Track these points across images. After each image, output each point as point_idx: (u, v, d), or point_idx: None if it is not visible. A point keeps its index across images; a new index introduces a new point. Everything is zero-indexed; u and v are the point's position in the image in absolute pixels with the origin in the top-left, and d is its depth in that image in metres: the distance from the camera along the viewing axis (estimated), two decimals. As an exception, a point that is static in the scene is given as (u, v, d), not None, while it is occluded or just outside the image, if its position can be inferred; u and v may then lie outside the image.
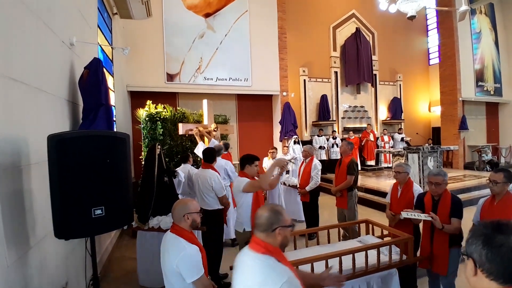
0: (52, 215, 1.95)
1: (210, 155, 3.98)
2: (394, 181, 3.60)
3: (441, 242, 2.84)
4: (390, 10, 6.66)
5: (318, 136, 10.73)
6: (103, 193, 2.08)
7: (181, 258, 1.87)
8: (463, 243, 1.15)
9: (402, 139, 11.65)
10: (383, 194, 6.82)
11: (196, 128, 5.37)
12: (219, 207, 3.80)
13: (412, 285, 3.43)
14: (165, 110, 5.88)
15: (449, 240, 2.80)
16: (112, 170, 2.13)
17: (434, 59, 13.74)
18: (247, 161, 3.23)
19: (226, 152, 5.40)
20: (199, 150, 5.07)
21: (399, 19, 11.16)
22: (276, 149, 6.67)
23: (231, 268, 3.07)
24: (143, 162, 5.32)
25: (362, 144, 11.24)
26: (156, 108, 5.82)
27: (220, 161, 4.76)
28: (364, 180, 8.95)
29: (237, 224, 3.28)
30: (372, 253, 2.86)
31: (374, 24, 12.35)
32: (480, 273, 1.03)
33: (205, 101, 5.70)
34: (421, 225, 3.20)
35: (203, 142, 5.26)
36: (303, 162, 5.20)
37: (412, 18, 6.12)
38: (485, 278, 1.02)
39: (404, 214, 3.00)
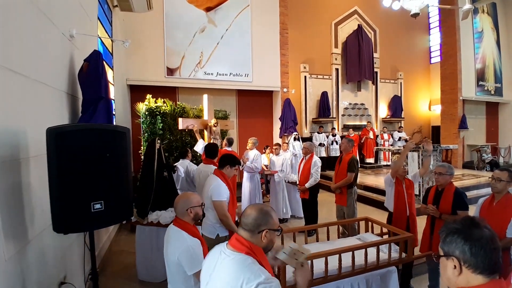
0: (51, 209, 1.94)
1: (213, 150, 3.95)
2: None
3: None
4: (394, 7, 6.60)
5: (318, 133, 10.70)
6: (102, 188, 2.06)
7: (182, 250, 1.90)
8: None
9: (399, 138, 11.65)
10: (382, 192, 6.81)
11: (193, 125, 5.30)
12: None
13: (406, 283, 3.45)
14: (165, 104, 5.83)
15: None
16: (112, 164, 2.11)
17: (436, 58, 13.70)
18: (230, 162, 2.99)
19: (230, 148, 5.41)
20: (198, 147, 5.04)
21: (401, 16, 11.08)
22: (279, 145, 6.60)
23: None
24: (142, 157, 5.31)
25: (362, 141, 11.24)
26: (156, 102, 5.78)
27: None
28: (363, 178, 8.94)
29: (207, 228, 2.89)
30: (371, 251, 2.86)
31: (376, 21, 12.27)
32: (466, 270, 1.03)
33: (205, 96, 5.65)
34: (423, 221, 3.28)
35: (203, 139, 5.24)
36: (303, 159, 5.18)
37: (415, 15, 6.08)
38: (471, 274, 1.02)
39: None
